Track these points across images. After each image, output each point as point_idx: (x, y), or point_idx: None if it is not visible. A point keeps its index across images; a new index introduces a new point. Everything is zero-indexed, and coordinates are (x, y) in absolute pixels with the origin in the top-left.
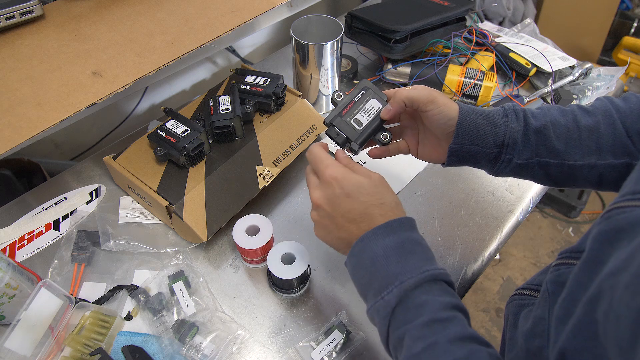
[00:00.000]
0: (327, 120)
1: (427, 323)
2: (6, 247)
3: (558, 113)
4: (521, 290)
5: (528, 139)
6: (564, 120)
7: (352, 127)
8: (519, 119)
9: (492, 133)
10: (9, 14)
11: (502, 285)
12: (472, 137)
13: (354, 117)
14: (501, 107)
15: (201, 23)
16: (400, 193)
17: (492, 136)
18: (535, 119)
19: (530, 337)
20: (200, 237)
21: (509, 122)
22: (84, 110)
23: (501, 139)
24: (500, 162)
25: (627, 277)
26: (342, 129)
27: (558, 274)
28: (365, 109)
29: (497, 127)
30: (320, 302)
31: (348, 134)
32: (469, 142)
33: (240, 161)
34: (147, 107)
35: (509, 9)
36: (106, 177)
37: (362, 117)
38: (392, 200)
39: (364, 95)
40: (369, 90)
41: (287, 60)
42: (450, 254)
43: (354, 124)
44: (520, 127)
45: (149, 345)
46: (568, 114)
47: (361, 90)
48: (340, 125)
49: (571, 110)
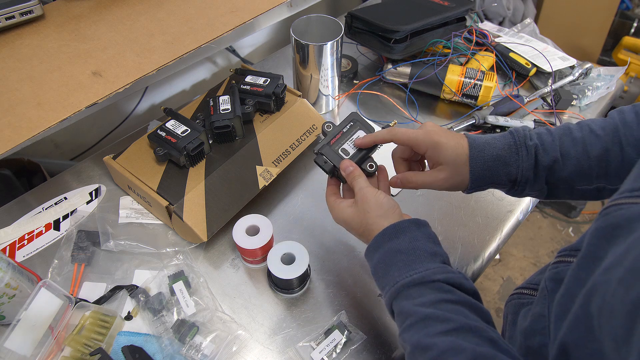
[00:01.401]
0: (316, 150)
1: (408, 326)
2: (6, 247)
3: (569, 143)
4: (520, 290)
5: (538, 174)
6: (573, 152)
7: (339, 156)
8: (530, 155)
9: (505, 172)
10: (9, 14)
11: (502, 285)
12: (487, 179)
13: (341, 146)
14: (510, 135)
15: (201, 23)
16: (401, 193)
17: (505, 175)
18: (546, 154)
19: (530, 334)
20: (200, 237)
21: (520, 161)
22: (84, 110)
23: (513, 177)
24: (514, 191)
25: (621, 272)
26: (329, 157)
27: (556, 272)
28: (352, 140)
29: (509, 166)
30: (320, 302)
31: (335, 162)
32: (485, 184)
33: (240, 161)
34: (147, 107)
35: (509, 9)
36: (106, 177)
37: (349, 147)
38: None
39: (352, 127)
40: (357, 122)
41: (287, 60)
42: (450, 254)
43: (341, 153)
44: (531, 165)
45: (149, 345)
46: (578, 143)
47: (350, 121)
48: (328, 154)
49: (581, 139)
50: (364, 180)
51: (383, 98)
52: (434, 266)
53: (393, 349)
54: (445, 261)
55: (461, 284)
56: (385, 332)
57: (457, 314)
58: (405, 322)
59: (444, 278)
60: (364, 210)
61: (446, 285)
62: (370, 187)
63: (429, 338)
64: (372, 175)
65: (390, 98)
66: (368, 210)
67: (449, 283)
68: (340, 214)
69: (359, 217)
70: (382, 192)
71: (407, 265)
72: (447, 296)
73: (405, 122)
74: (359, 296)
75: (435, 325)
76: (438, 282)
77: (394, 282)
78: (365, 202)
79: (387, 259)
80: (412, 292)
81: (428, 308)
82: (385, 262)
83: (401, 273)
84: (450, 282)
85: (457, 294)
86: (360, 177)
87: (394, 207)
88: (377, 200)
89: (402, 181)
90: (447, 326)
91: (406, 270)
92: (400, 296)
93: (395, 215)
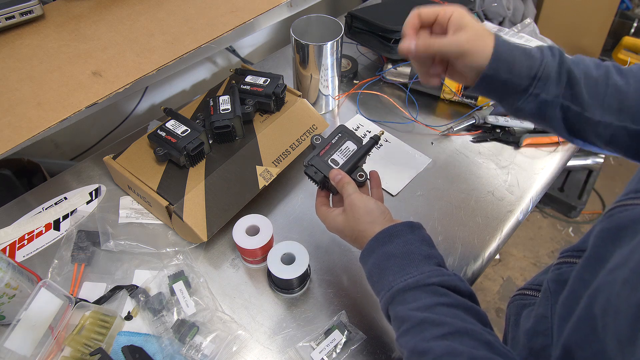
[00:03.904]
0: (306, 162)
1: (404, 331)
2: (6, 247)
3: (592, 64)
4: (522, 291)
5: (560, 76)
6: (595, 72)
7: (329, 166)
8: (555, 55)
9: (528, 64)
10: (9, 14)
11: (502, 285)
12: (508, 65)
13: (331, 157)
14: (537, 47)
15: (201, 23)
16: (400, 193)
17: (527, 67)
18: (571, 61)
19: (532, 335)
20: (200, 237)
21: (544, 57)
22: (84, 110)
23: (535, 70)
24: (527, 96)
25: (625, 272)
26: (319, 167)
27: (559, 273)
28: (341, 150)
29: (533, 59)
30: (320, 302)
31: (325, 172)
32: (504, 71)
33: (240, 161)
34: (147, 107)
35: (509, 9)
36: (106, 177)
37: (339, 158)
38: (364, 222)
39: (340, 138)
40: (345, 133)
41: (287, 60)
42: (450, 254)
43: (331, 164)
44: (555, 63)
45: (149, 345)
46: (601, 67)
47: (338, 133)
48: (319, 165)
49: (605, 66)
50: (352, 187)
51: (383, 98)
52: (428, 269)
53: (393, 349)
54: (440, 263)
55: (456, 286)
56: (385, 332)
57: (452, 318)
58: (402, 327)
59: (438, 281)
60: (354, 217)
61: (441, 289)
62: (359, 193)
63: (425, 343)
64: (363, 185)
65: (390, 98)
66: (358, 218)
67: (444, 286)
68: (332, 223)
69: (350, 225)
70: (371, 198)
71: (401, 270)
72: (442, 299)
73: (405, 122)
74: (359, 296)
75: (431, 330)
76: (433, 285)
77: (389, 287)
78: (354, 210)
79: (382, 263)
80: (407, 297)
81: (423, 312)
82: (379, 267)
83: (396, 277)
84: (445, 284)
85: (453, 296)
86: (349, 184)
87: (384, 212)
88: (366, 206)
89: (424, 45)
90: (443, 330)
91: (400, 275)
92: (396, 301)
93: (386, 221)
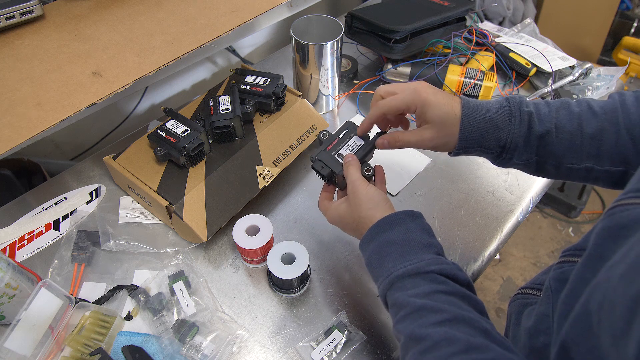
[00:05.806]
0: (313, 156)
1: (402, 317)
2: (6, 247)
3: (565, 116)
4: (524, 290)
5: (529, 143)
6: (569, 126)
7: (336, 161)
8: (523, 122)
9: (495, 136)
10: (9, 14)
11: (502, 285)
12: (476, 141)
13: (337, 152)
14: (506, 101)
15: (201, 23)
16: (400, 193)
17: (495, 139)
18: (540, 123)
19: (533, 334)
20: (200, 237)
21: (512, 126)
22: (84, 110)
23: (503, 141)
24: (501, 159)
25: (622, 268)
26: (327, 162)
27: (561, 272)
28: (348, 145)
29: (500, 130)
30: (320, 302)
31: (332, 167)
32: (473, 146)
33: (240, 161)
34: (147, 107)
35: (509, 9)
36: (106, 177)
37: (346, 153)
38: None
39: (347, 134)
40: (352, 129)
41: (287, 60)
42: (450, 254)
43: (337, 158)
44: (523, 132)
45: (149, 345)
46: (575, 118)
47: (345, 129)
48: (326, 159)
49: (578, 114)
50: (357, 171)
51: None
52: (428, 257)
53: (393, 349)
54: (439, 252)
55: (455, 275)
56: (385, 332)
57: (450, 305)
58: (400, 313)
59: (437, 269)
60: (356, 204)
61: (440, 277)
62: (362, 179)
63: (423, 329)
64: (370, 180)
65: None
66: (359, 204)
67: (443, 274)
68: (334, 212)
69: (352, 211)
70: (373, 186)
71: (401, 257)
72: (441, 287)
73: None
74: (359, 296)
75: (429, 316)
76: (432, 273)
77: (388, 273)
78: (357, 196)
79: (381, 250)
80: (406, 283)
81: (422, 299)
82: (379, 254)
83: (395, 264)
84: (444, 273)
85: (451, 285)
86: (356, 169)
87: (385, 200)
88: (368, 193)
89: (389, 142)
90: (441, 317)
91: (400, 262)
92: (394, 287)
93: (387, 208)
